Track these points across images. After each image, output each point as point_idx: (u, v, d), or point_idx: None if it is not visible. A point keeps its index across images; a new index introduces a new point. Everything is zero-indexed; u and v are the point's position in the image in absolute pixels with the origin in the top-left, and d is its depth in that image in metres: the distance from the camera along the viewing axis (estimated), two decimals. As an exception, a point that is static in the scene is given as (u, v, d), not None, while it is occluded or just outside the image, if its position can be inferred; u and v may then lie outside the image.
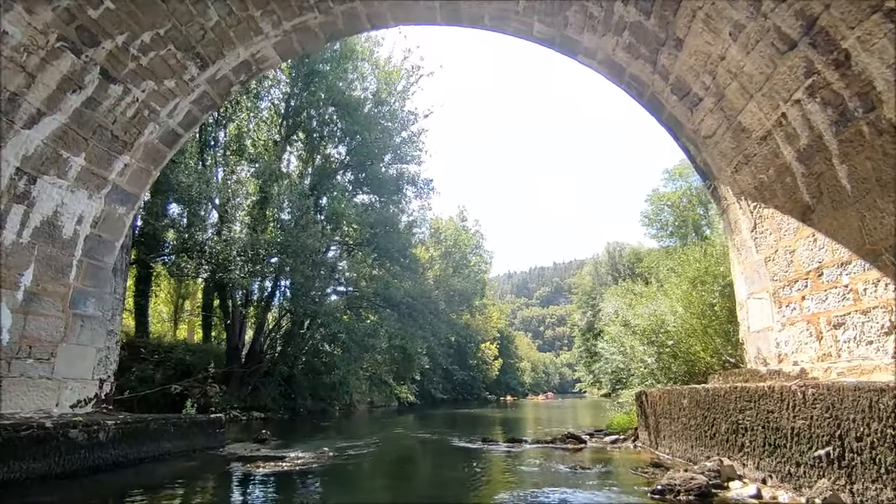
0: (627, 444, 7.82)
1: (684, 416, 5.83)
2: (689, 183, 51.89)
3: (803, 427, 3.67)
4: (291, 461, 6.37)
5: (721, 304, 7.99)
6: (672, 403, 6.21)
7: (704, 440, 5.25)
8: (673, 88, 6.25)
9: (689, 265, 8.54)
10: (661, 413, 6.65)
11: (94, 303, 6.78)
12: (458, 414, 22.47)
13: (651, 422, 7.09)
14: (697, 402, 5.46)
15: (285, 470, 5.75)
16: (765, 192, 5.50)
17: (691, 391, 5.68)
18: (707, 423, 5.21)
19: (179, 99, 7.05)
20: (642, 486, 4.58)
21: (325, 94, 20.87)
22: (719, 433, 4.94)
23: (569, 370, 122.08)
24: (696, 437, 5.46)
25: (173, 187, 12.67)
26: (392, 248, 21.39)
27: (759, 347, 5.94)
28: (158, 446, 6.48)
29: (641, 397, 7.57)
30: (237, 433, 11.37)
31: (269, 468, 5.83)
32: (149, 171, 7.32)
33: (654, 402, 6.94)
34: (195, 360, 18.81)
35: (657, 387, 7.75)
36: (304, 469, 5.87)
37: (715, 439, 5.03)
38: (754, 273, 5.99)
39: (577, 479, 5.21)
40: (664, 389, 6.62)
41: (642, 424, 7.63)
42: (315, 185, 19.23)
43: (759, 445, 4.22)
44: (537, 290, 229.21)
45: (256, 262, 15.55)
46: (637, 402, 7.81)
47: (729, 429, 4.75)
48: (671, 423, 6.24)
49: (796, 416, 3.76)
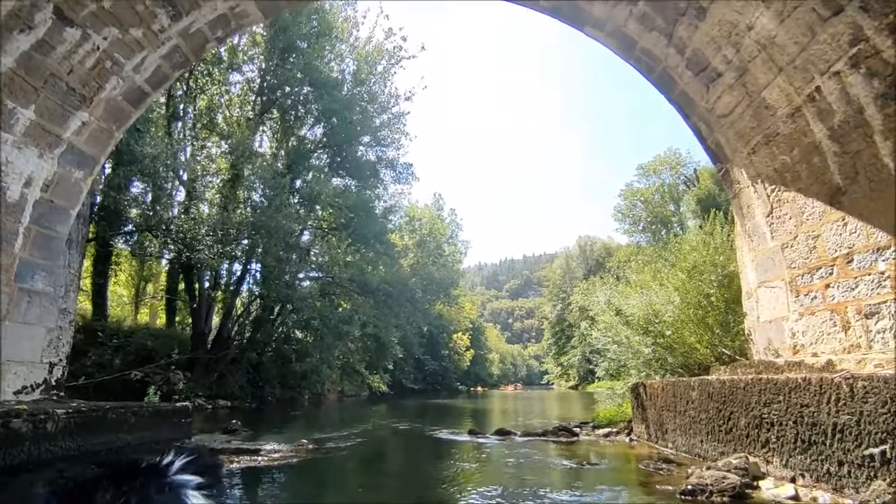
0: (621, 438, 7.54)
1: (692, 410, 5.52)
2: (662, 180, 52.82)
3: (849, 423, 3.35)
4: (268, 455, 5.81)
5: (718, 294, 7.75)
6: (678, 396, 5.90)
7: (718, 435, 4.94)
8: (689, 63, 5.88)
9: (687, 255, 8.27)
10: (662, 406, 6.36)
11: (44, 277, 6.02)
12: (432, 404, 22.09)
13: (650, 415, 6.80)
14: (710, 395, 5.15)
15: (263, 465, 5.20)
16: (786, 173, 5.19)
17: (702, 383, 5.37)
18: (722, 417, 4.90)
19: (147, 52, 6.30)
20: (663, 484, 4.23)
21: (301, 72, 19.96)
22: (738, 428, 4.63)
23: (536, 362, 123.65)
24: (708, 431, 5.15)
25: (137, 158, 11.72)
26: (368, 234, 20.73)
27: (769, 338, 5.67)
28: (117, 438, 5.82)
29: (638, 389, 7.28)
30: (203, 423, 10.67)
31: (245, 463, 5.27)
32: (110, 131, 6.55)
33: (655, 394, 6.64)
34: (158, 345, 17.83)
35: (655, 378, 7.48)
36: (283, 464, 5.32)
37: (732, 434, 4.72)
38: (767, 260, 5.71)
39: (588, 477, 4.85)
40: (667, 381, 6.32)
41: (638, 417, 7.35)
42: (290, 165, 18.38)
43: (789, 442, 3.91)
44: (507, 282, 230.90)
45: (227, 243, 14.70)
46: (633, 394, 7.52)
47: (750, 423, 4.44)
48: (676, 416, 5.94)
49: (840, 411, 3.44)
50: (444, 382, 49.51)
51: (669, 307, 7.93)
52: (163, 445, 6.43)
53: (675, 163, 48.47)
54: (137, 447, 6.12)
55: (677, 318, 7.94)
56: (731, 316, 7.30)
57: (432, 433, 8.96)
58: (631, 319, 8.45)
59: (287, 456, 5.78)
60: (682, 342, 7.79)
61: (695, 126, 6.49)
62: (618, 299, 9.14)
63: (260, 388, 18.81)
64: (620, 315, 8.70)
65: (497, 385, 74.45)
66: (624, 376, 8.73)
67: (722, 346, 7.49)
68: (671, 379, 6.35)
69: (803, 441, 3.76)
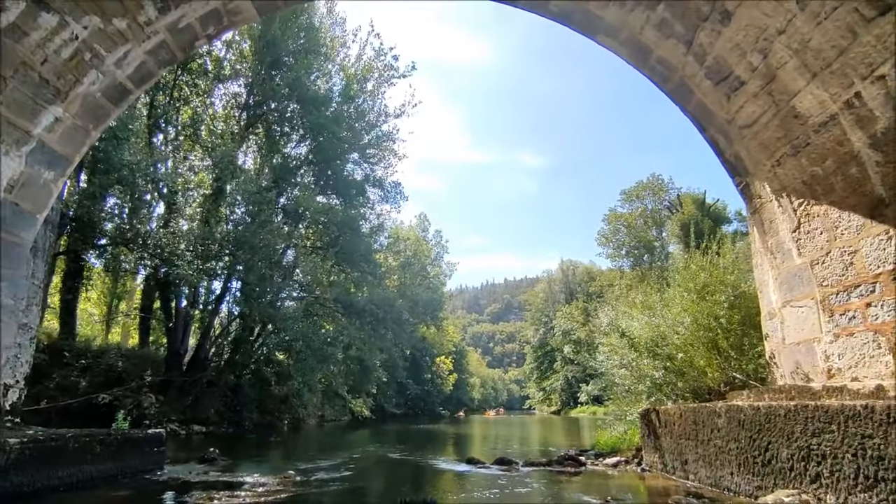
0: (631, 468, 7.07)
1: (719, 439, 5.10)
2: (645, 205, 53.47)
3: (928, 457, 2.96)
4: (252, 490, 5.19)
5: (729, 315, 7.43)
6: (699, 423, 5.49)
7: (753, 467, 4.52)
8: (708, 72, 5.64)
9: (695, 274, 7.95)
10: (680, 434, 5.93)
11: (5, 287, 5.39)
12: (416, 430, 21.31)
13: (665, 443, 6.36)
14: (741, 423, 4.75)
15: (247, 503, 4.58)
16: (817, 186, 4.91)
17: (730, 409, 4.97)
18: (757, 448, 4.48)
19: (132, 45, 5.83)
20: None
21: (288, 87, 19.63)
22: (778, 460, 4.21)
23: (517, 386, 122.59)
24: (739, 463, 4.73)
25: (115, 167, 11.07)
26: (355, 253, 20.19)
27: (798, 361, 5.32)
28: (79, 470, 5.15)
29: (650, 415, 6.85)
30: (176, 450, 9.89)
31: (226, 500, 4.65)
32: (86, 130, 6.01)
33: (671, 420, 6.22)
34: (129, 366, 16.87)
35: (668, 404, 7.07)
36: (269, 501, 4.72)
37: (770, 467, 4.30)
38: (794, 278, 5.39)
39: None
40: (687, 407, 5.90)
41: (650, 446, 6.90)
42: (275, 181, 17.85)
43: (848, 477, 3.51)
44: (488, 306, 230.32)
45: (207, 259, 14.01)
46: (643, 421, 7.07)
47: (794, 455, 4.03)
48: (698, 445, 5.51)
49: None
50: (427, 407, 48.37)
51: (679, 329, 7.57)
52: (132, 478, 5.77)
53: (657, 188, 49.06)
54: (103, 480, 5.45)
55: (686, 340, 7.59)
56: (745, 338, 6.96)
57: (428, 462, 8.37)
58: (637, 342, 8.06)
59: (273, 491, 5.17)
60: (692, 366, 7.42)
61: (712, 139, 6.23)
62: (622, 321, 8.76)
63: (237, 412, 17.88)
64: (626, 337, 8.31)
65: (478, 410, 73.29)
66: (629, 402, 8.29)
67: (734, 370, 7.15)
68: (691, 405, 5.94)
69: (867, 477, 3.36)
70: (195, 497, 4.74)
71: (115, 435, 5.95)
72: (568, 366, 60.56)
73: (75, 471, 5.09)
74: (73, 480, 5.05)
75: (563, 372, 63.64)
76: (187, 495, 4.90)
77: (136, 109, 13.07)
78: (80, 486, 5.04)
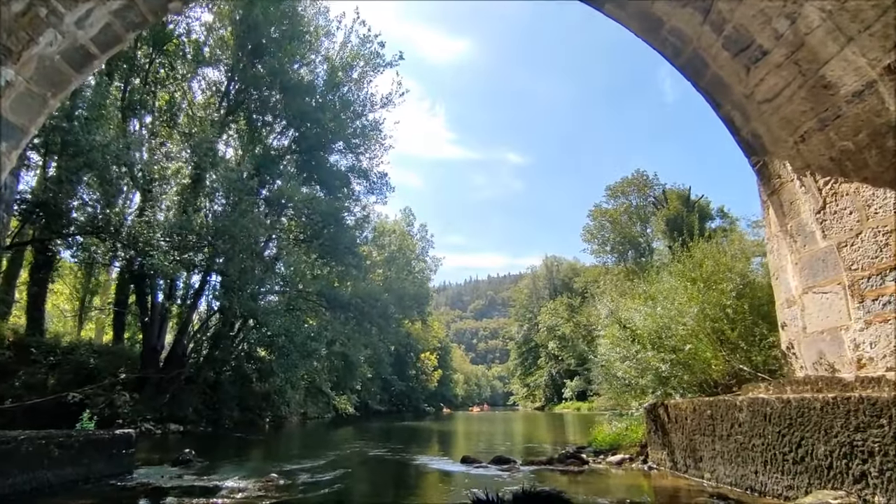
0: (637, 466, 6.70)
1: (741, 434, 4.74)
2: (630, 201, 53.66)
3: None
4: (229, 495, 4.68)
5: (736, 306, 7.11)
6: (717, 418, 5.13)
7: (783, 465, 4.16)
8: (727, 42, 5.26)
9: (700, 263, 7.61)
10: (694, 429, 5.57)
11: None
12: (402, 427, 20.82)
13: (675, 439, 6.00)
14: (766, 417, 4.39)
15: (224, 512, 4.08)
16: (847, 162, 4.56)
17: (754, 402, 4.61)
18: (787, 444, 4.13)
19: (95, 3, 5.23)
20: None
21: (270, 74, 18.90)
22: (813, 457, 3.85)
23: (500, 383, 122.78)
24: (766, 460, 4.37)
25: (83, 149, 10.31)
26: (339, 246, 19.60)
27: (821, 351, 4.98)
28: (33, 477, 4.59)
29: (657, 410, 6.49)
30: (150, 451, 9.30)
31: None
32: (44, 98, 5.40)
33: (682, 415, 5.86)
34: (101, 363, 16.10)
35: (676, 398, 6.72)
36: (250, 509, 4.22)
37: (804, 464, 3.94)
38: (817, 262, 5.05)
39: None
40: (701, 401, 5.54)
41: (657, 442, 6.54)
42: (257, 169, 17.14)
43: (903, 476, 3.14)
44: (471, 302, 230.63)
45: (185, 250, 13.32)
46: (650, 416, 6.72)
47: (834, 452, 3.67)
48: (715, 441, 5.15)
49: None
50: (411, 404, 47.87)
51: (685, 320, 7.22)
52: (96, 484, 5.21)
53: (642, 184, 49.18)
54: (63, 488, 4.88)
55: (691, 331, 7.24)
56: (755, 328, 6.64)
57: (419, 462, 7.91)
58: (640, 333, 7.70)
59: (253, 497, 4.66)
60: (698, 358, 7.08)
61: (726, 116, 5.86)
62: (623, 312, 8.40)
63: (216, 410, 17.20)
64: (627, 329, 7.95)
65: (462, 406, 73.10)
66: (631, 396, 7.94)
67: (740, 362, 6.82)
68: (706, 398, 5.58)
69: (927, 476, 3.00)
70: None
71: (77, 436, 5.37)
72: (552, 362, 60.63)
73: (28, 477, 4.52)
74: (26, 488, 4.49)
75: (547, 368, 63.68)
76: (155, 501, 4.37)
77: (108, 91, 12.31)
78: (34, 494, 4.48)
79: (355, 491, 5.79)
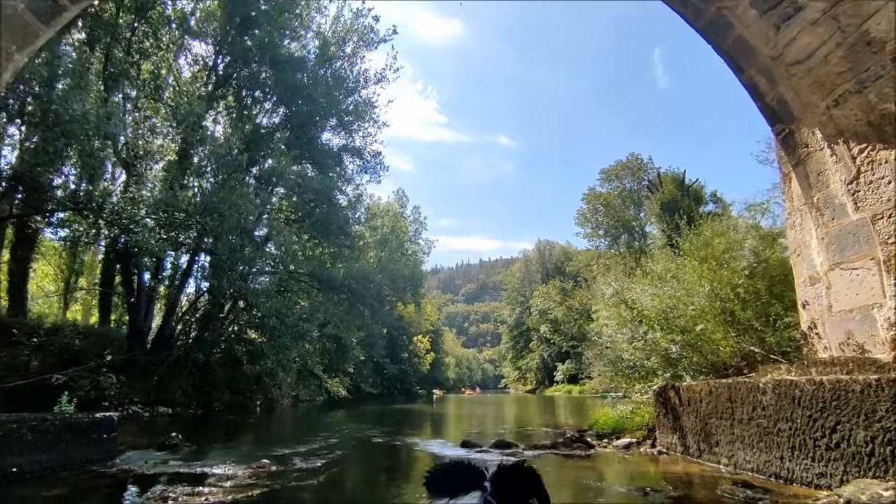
0: (645, 450, 6.46)
1: (764, 418, 4.46)
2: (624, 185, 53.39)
3: None
4: (217, 483, 4.34)
5: (749, 285, 6.83)
6: (736, 401, 4.85)
7: (814, 451, 3.89)
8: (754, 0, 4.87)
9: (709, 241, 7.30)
10: (709, 412, 5.29)
11: None
12: (395, 410, 20.63)
13: (687, 423, 5.74)
14: (795, 400, 4.11)
15: (211, 503, 3.73)
16: (887, 127, 4.23)
17: (781, 384, 4.32)
18: (820, 429, 3.84)
19: (63, -56, 4.74)
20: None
21: (260, 49, 18.18)
22: (851, 443, 3.57)
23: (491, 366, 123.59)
24: (793, 446, 4.09)
25: (62, 120, 9.71)
26: (331, 225, 19.11)
27: (850, 330, 4.69)
28: (2, 463, 4.21)
29: (668, 393, 6.23)
30: (136, 435, 8.96)
31: (185, 499, 3.79)
32: (8, 53, 4.91)
33: (696, 398, 5.58)
34: (87, 345, 15.63)
35: (687, 380, 6.45)
36: (240, 500, 3.88)
37: (840, 451, 3.66)
38: (847, 237, 4.74)
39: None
40: (719, 383, 5.26)
41: (666, 426, 6.29)
42: (247, 146, 16.54)
43: (961, 465, 2.85)
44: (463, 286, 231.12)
45: (172, 227, 12.82)
46: (659, 399, 6.45)
47: (877, 438, 3.38)
48: (734, 425, 4.87)
49: None
50: (403, 387, 47.83)
51: (694, 299, 6.93)
52: (74, 471, 4.84)
53: (636, 168, 48.87)
54: (36, 475, 4.52)
55: (701, 311, 6.96)
56: (770, 309, 6.36)
57: (418, 446, 7.63)
58: (647, 314, 7.40)
59: (243, 485, 4.33)
60: (707, 339, 6.81)
61: (750, 81, 5.48)
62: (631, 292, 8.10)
63: (206, 393, 16.84)
64: (634, 309, 7.65)
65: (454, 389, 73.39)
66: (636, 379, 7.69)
67: (751, 343, 6.56)
68: (724, 380, 5.30)
69: None
70: (145, 496, 3.87)
71: (53, 420, 4.99)
72: (544, 345, 60.84)
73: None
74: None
75: (538, 351, 63.93)
76: (136, 493, 4.03)
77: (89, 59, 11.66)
78: (1, 483, 4.11)
79: (352, 478, 5.48)
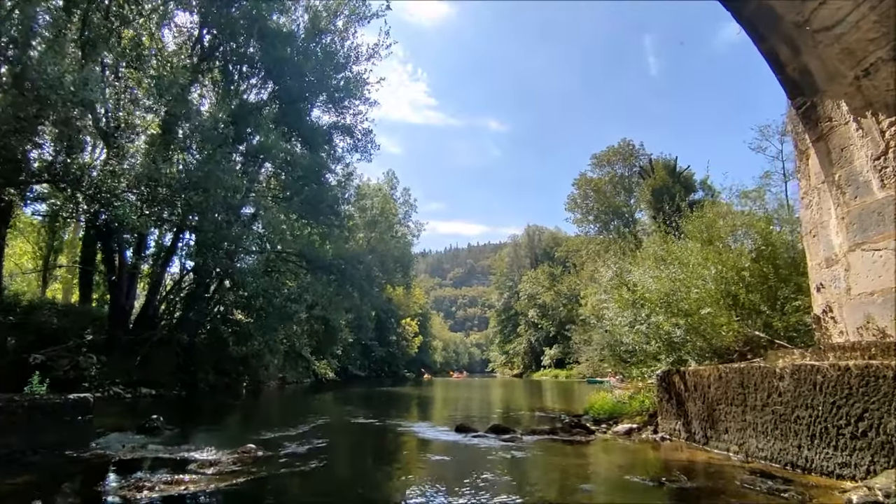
0: (647, 436, 6.27)
1: (779, 405, 4.26)
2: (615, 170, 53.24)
3: None
4: (199, 470, 4.04)
5: (754, 268, 6.62)
6: (748, 386, 4.64)
7: (836, 440, 3.68)
8: (782, -40, 4.55)
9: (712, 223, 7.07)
10: (718, 398, 5.09)
11: None
12: (383, 393, 20.44)
13: (693, 409, 5.54)
14: (817, 386, 3.89)
15: (192, 491, 3.43)
16: (922, 98, 3.96)
17: (799, 370, 4.10)
18: (844, 416, 3.63)
19: None
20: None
21: (247, 20, 17.46)
22: (881, 431, 3.36)
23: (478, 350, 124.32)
24: (813, 434, 3.89)
25: (36, 85, 9.12)
26: (321, 204, 18.67)
27: (869, 314, 4.48)
28: (-38, 448, 3.86)
29: (672, 378, 6.03)
30: (118, 417, 8.61)
31: (164, 486, 3.48)
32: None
33: (702, 383, 5.38)
34: (66, 323, 15.17)
35: (691, 365, 6.25)
36: (223, 487, 3.58)
37: (866, 440, 3.45)
38: (871, 216, 4.51)
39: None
40: (729, 367, 5.04)
41: (669, 412, 6.10)
42: (234, 120, 15.95)
43: None
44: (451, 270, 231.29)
45: (155, 202, 12.31)
46: (662, 384, 6.26)
47: (910, 427, 3.16)
48: (745, 411, 4.67)
49: None
50: (391, 369, 47.77)
51: (699, 282, 6.71)
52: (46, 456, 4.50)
53: (628, 154, 48.68)
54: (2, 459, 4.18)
55: (705, 294, 6.75)
56: (778, 292, 6.16)
57: (409, 430, 7.39)
58: (649, 297, 7.18)
59: (227, 472, 4.03)
60: (709, 322, 6.60)
61: (770, 50, 5.18)
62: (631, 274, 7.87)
63: (191, 373, 16.48)
64: (635, 292, 7.43)
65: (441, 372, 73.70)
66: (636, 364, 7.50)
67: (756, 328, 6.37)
68: (734, 365, 5.09)
69: None
70: (120, 483, 3.55)
71: (21, 402, 4.64)
72: (532, 330, 61.09)
73: (-44, 449, 3.81)
74: (-46, 461, 3.78)
75: (526, 336, 64.22)
76: (110, 480, 3.71)
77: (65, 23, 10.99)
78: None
79: (343, 464, 5.21)
